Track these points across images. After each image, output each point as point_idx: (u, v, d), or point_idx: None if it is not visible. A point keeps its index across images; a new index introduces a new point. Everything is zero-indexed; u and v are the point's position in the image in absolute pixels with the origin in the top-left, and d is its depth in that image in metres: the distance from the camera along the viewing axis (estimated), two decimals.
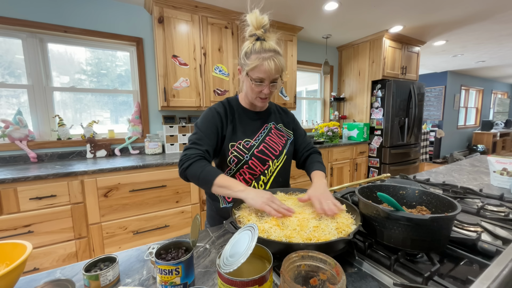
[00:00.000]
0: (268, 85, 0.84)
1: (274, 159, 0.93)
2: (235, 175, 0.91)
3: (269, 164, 0.92)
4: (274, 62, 0.81)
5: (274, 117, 1.03)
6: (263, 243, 0.49)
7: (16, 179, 1.45)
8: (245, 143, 0.90)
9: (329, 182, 2.97)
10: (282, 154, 0.95)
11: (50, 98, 2.04)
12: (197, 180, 0.78)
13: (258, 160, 0.90)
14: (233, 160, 0.88)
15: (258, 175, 0.91)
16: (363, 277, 0.48)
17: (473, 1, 2.34)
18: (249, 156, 0.89)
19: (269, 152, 0.92)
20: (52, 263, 1.59)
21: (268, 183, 0.93)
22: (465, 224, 0.71)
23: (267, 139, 0.95)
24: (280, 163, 0.95)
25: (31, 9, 1.89)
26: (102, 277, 0.48)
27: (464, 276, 0.49)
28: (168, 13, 2.06)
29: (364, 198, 0.61)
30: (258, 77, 0.82)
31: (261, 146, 0.91)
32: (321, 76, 3.76)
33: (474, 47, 3.91)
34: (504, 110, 7.94)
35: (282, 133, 1.00)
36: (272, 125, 1.00)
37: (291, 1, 2.24)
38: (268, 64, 0.80)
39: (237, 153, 0.88)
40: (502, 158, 1.15)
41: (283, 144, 0.98)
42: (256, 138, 0.93)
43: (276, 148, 0.95)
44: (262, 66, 0.80)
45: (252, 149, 0.90)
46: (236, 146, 0.89)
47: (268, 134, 0.96)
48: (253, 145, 0.90)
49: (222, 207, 0.93)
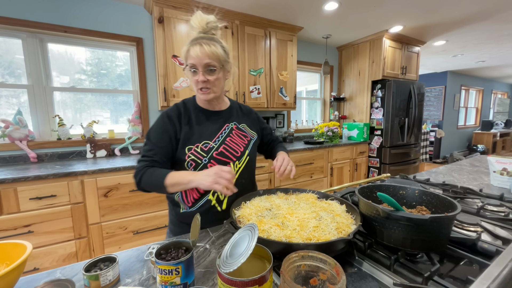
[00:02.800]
0: (201, 71, 0.80)
1: (236, 160, 0.89)
2: None
3: (230, 167, 0.88)
4: (202, 45, 0.78)
5: (237, 116, 0.99)
6: (263, 243, 0.49)
7: (16, 179, 1.45)
8: (203, 146, 0.86)
9: (329, 182, 2.97)
10: (244, 156, 0.92)
11: (50, 98, 2.04)
12: (152, 188, 0.78)
13: (218, 163, 0.85)
14: (190, 164, 0.84)
15: None
16: (363, 277, 0.48)
17: (473, 1, 2.34)
18: (207, 159, 0.85)
19: (229, 154, 0.89)
20: (52, 263, 1.59)
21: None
22: (465, 224, 0.71)
23: (228, 140, 0.91)
24: (242, 165, 0.91)
25: (31, 9, 1.89)
26: (102, 277, 0.48)
27: (464, 276, 0.49)
28: (168, 13, 2.06)
29: (364, 198, 0.61)
30: (190, 64, 0.80)
31: (220, 148, 0.87)
32: (321, 76, 3.76)
33: (474, 47, 3.91)
34: (504, 110, 7.93)
35: (244, 133, 0.96)
36: (234, 125, 0.95)
37: (291, 1, 2.24)
38: (196, 48, 0.78)
39: (195, 156, 0.84)
40: (502, 158, 1.15)
41: (245, 144, 0.94)
42: (216, 139, 0.89)
43: (238, 150, 0.91)
44: (190, 51, 0.79)
45: (211, 152, 0.86)
46: (194, 149, 0.85)
47: (229, 134, 0.92)
48: (212, 148, 0.86)
49: (182, 212, 0.89)
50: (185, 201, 0.88)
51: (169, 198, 0.95)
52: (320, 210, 0.68)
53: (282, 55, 2.74)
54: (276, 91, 2.76)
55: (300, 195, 0.81)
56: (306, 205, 0.72)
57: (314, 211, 0.67)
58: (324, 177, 2.92)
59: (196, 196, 0.86)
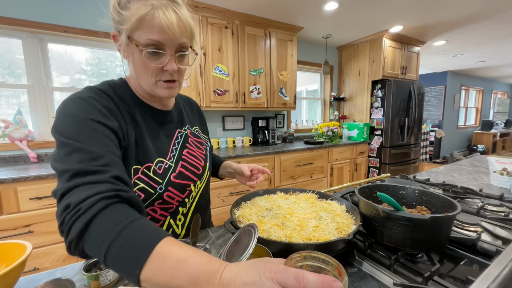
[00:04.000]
0: (173, 55, 0.51)
1: (197, 180, 0.66)
2: None
3: (190, 190, 0.64)
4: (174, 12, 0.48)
5: (187, 117, 0.73)
6: (263, 243, 0.49)
7: (16, 179, 1.44)
8: (157, 167, 0.57)
9: (329, 182, 2.98)
10: (205, 171, 0.69)
11: (50, 98, 2.04)
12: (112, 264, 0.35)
13: (176, 189, 0.60)
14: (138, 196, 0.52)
15: (175, 207, 0.62)
16: (363, 277, 0.48)
17: (473, 1, 2.34)
18: (164, 187, 0.57)
19: (190, 174, 0.64)
20: (52, 263, 1.59)
21: (188, 214, 0.66)
22: (465, 224, 0.71)
23: (185, 153, 0.64)
24: (203, 184, 0.69)
25: (31, 9, 1.89)
26: (102, 277, 0.48)
27: (464, 276, 0.49)
28: None
29: (364, 198, 0.61)
30: (150, 40, 0.48)
31: (178, 167, 0.61)
32: (321, 76, 3.76)
33: (474, 47, 3.92)
34: (504, 110, 7.93)
35: (200, 140, 0.72)
36: (188, 131, 0.70)
37: (291, 1, 2.24)
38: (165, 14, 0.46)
39: (145, 184, 0.55)
40: (502, 158, 1.15)
41: (204, 155, 0.70)
42: (170, 155, 0.61)
43: (198, 165, 0.67)
44: (154, 19, 0.47)
45: (168, 175, 0.58)
46: (142, 171, 0.54)
47: (184, 145, 0.65)
48: (167, 168, 0.59)
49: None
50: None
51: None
52: (320, 210, 0.68)
53: (282, 55, 2.74)
54: (276, 91, 2.76)
55: (300, 195, 0.81)
56: (306, 205, 0.72)
57: (314, 211, 0.67)
58: (324, 177, 2.92)
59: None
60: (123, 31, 0.50)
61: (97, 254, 0.34)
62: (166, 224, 0.63)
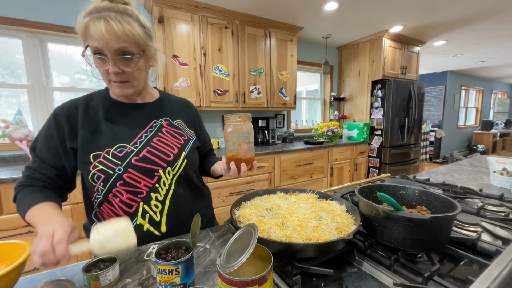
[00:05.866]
0: (112, 59, 0.59)
1: (167, 166, 0.69)
2: (107, 200, 0.65)
3: (159, 175, 0.68)
4: (109, 22, 0.56)
5: (169, 110, 0.79)
6: (263, 243, 0.49)
7: (16, 179, 1.44)
8: (117, 151, 0.65)
9: (329, 182, 2.98)
10: (179, 159, 0.72)
11: (50, 98, 2.04)
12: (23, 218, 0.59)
13: (139, 171, 0.65)
14: (98, 176, 0.63)
15: (146, 193, 0.67)
16: (363, 277, 0.48)
17: (473, 1, 2.34)
18: (123, 169, 0.64)
19: (157, 159, 0.68)
20: None
21: (166, 201, 0.70)
22: (465, 224, 0.71)
23: (155, 140, 0.70)
24: (177, 171, 0.72)
25: (31, 9, 1.89)
26: (102, 277, 0.48)
27: (464, 276, 0.49)
28: (168, 13, 2.06)
29: (364, 198, 0.61)
30: (94, 48, 0.58)
31: (143, 152, 0.67)
32: (321, 76, 3.76)
33: (474, 47, 3.92)
34: (504, 110, 7.94)
35: (180, 131, 0.77)
36: (165, 122, 0.76)
37: (291, 1, 2.24)
38: (100, 25, 0.55)
39: (104, 165, 0.63)
40: (502, 158, 1.15)
41: (181, 145, 0.74)
42: (137, 141, 0.68)
43: (169, 152, 0.71)
44: (91, 28, 0.56)
45: (129, 158, 0.65)
46: (103, 156, 0.64)
47: (157, 134, 0.72)
48: (130, 152, 0.66)
49: None
50: None
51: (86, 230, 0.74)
52: (320, 210, 0.68)
53: (282, 55, 2.74)
54: (276, 91, 2.76)
55: (300, 195, 0.81)
56: (306, 205, 0.72)
57: (314, 211, 0.67)
58: (324, 177, 2.92)
59: None
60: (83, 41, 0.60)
61: (20, 213, 0.60)
62: (140, 209, 0.67)
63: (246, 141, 0.66)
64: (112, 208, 0.66)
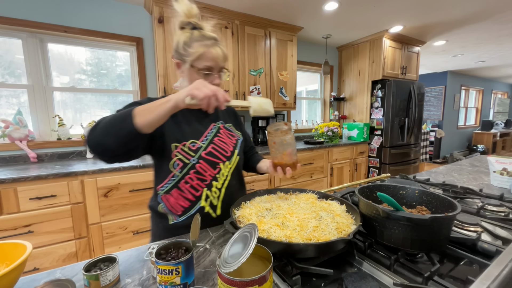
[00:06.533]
0: (218, 75, 0.79)
1: (226, 161, 0.85)
2: (180, 183, 0.79)
3: (220, 168, 0.83)
4: (220, 48, 0.77)
5: (223, 115, 0.95)
6: (263, 243, 0.49)
7: (16, 179, 1.44)
8: (191, 145, 0.80)
9: (329, 182, 2.97)
10: (233, 155, 0.88)
11: (50, 98, 2.04)
12: (111, 128, 0.59)
13: (207, 163, 0.81)
14: (177, 164, 0.78)
15: (209, 181, 0.81)
16: (363, 277, 0.48)
17: (473, 1, 2.34)
18: (196, 159, 0.79)
19: (219, 154, 0.84)
20: (52, 263, 1.59)
21: (222, 189, 0.83)
22: (465, 224, 0.71)
23: (216, 140, 0.86)
24: (233, 165, 0.87)
25: (31, 9, 1.89)
26: (102, 277, 0.48)
27: (464, 276, 0.49)
28: (168, 13, 2.06)
29: (364, 198, 0.61)
30: (205, 66, 0.75)
31: (209, 148, 0.82)
32: (321, 76, 3.76)
33: (474, 47, 3.92)
34: (504, 110, 7.94)
35: (232, 133, 0.93)
36: (221, 125, 0.91)
37: (291, 1, 2.24)
38: (215, 50, 0.75)
39: (182, 155, 0.78)
40: (502, 158, 1.15)
41: (234, 144, 0.90)
42: (204, 139, 0.83)
43: (227, 149, 0.87)
44: (209, 53, 0.75)
45: (199, 151, 0.80)
46: (180, 148, 0.78)
47: (216, 134, 0.87)
48: (200, 147, 0.81)
49: (172, 223, 0.79)
50: (172, 210, 0.79)
51: (152, 209, 0.84)
52: (320, 210, 0.68)
53: (282, 55, 2.74)
54: (276, 91, 2.76)
55: (300, 195, 0.81)
56: (306, 205, 0.72)
57: (314, 211, 0.67)
58: (324, 177, 2.92)
59: (185, 204, 0.79)
60: (187, 61, 0.77)
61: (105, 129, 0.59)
62: (204, 194, 0.81)
63: (289, 150, 0.77)
64: (182, 193, 0.79)
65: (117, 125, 0.59)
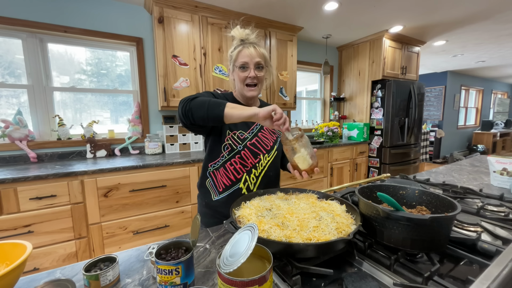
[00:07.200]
0: (252, 68, 0.90)
1: (266, 153, 0.97)
2: (226, 164, 0.93)
3: (260, 158, 0.96)
4: (255, 47, 0.90)
5: None
6: (263, 243, 0.49)
7: (16, 179, 1.44)
8: (240, 134, 0.95)
9: (329, 182, 2.97)
10: (273, 150, 1.00)
11: (50, 98, 2.04)
12: (205, 107, 0.76)
13: (250, 152, 0.94)
14: (227, 147, 0.92)
15: (250, 167, 0.94)
16: (363, 277, 0.48)
17: (473, 1, 2.34)
18: (242, 147, 0.93)
19: (260, 146, 0.97)
20: (52, 263, 1.59)
21: (259, 177, 0.96)
22: (465, 224, 0.71)
23: (259, 134, 0.99)
24: (271, 158, 0.99)
25: (31, 9, 1.89)
26: (102, 277, 0.48)
27: (464, 276, 0.49)
28: (168, 13, 2.06)
29: (364, 198, 0.61)
30: (241, 63, 0.90)
31: (253, 140, 0.96)
32: (321, 76, 3.76)
33: (474, 47, 3.92)
34: (504, 110, 7.93)
35: (273, 131, 1.04)
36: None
37: (291, 1, 2.24)
38: (248, 48, 0.90)
39: (232, 141, 0.92)
40: (502, 158, 1.15)
41: (274, 140, 1.02)
42: (250, 131, 0.97)
43: (268, 144, 0.99)
44: (243, 52, 0.90)
45: (245, 141, 0.95)
46: (231, 135, 0.93)
47: (260, 130, 1.00)
48: (246, 137, 0.95)
49: (215, 200, 0.95)
50: (217, 186, 0.94)
51: (200, 186, 1.00)
52: (320, 210, 0.68)
53: (282, 55, 2.74)
54: (276, 91, 2.76)
55: (300, 195, 0.81)
56: (306, 205, 0.72)
57: (314, 211, 0.67)
58: (324, 177, 2.92)
59: (227, 182, 0.93)
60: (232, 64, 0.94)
61: (201, 106, 0.77)
62: (243, 177, 0.94)
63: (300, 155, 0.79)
64: (226, 172, 0.93)
65: (212, 106, 0.76)
